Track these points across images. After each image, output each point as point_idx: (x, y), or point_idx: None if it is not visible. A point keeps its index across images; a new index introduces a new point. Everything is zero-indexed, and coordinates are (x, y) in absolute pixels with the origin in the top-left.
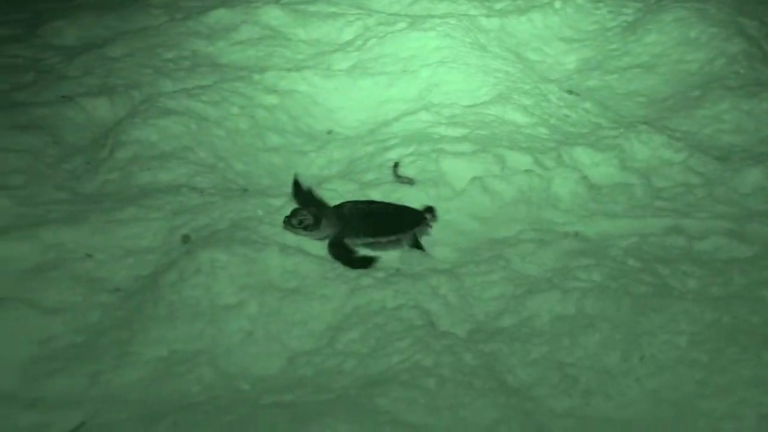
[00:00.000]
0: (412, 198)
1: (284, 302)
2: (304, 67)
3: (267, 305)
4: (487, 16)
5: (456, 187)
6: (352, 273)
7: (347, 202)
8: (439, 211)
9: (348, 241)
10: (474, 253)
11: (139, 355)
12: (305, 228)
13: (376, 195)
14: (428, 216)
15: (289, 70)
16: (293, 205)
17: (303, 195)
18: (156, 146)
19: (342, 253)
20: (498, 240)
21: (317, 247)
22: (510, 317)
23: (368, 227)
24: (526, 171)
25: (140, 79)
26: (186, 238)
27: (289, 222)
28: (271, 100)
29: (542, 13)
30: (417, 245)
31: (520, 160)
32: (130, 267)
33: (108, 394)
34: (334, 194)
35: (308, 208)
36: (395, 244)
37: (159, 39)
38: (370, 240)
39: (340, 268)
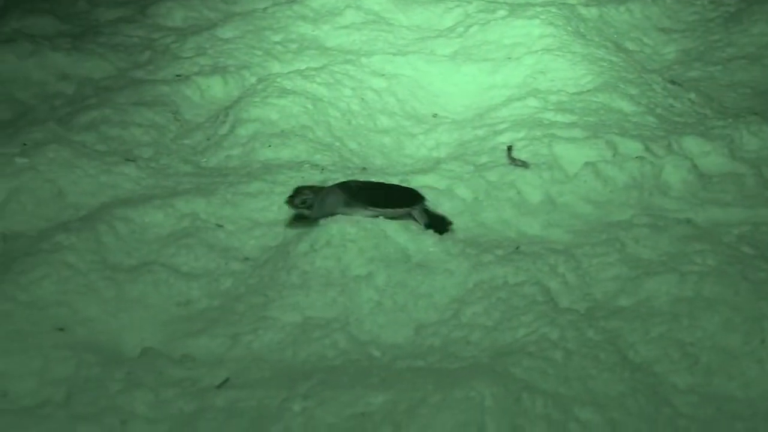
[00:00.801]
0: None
1: (410, 275)
2: (409, 52)
3: (394, 277)
4: (586, 5)
5: (569, 171)
6: (473, 249)
7: (350, 180)
8: (554, 194)
9: (354, 211)
10: (588, 235)
11: (276, 320)
12: (308, 207)
13: (492, 177)
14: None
15: (394, 54)
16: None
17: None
18: (276, 124)
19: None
20: (612, 223)
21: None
22: (627, 297)
23: (377, 198)
24: (638, 158)
25: (250, 60)
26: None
27: (292, 201)
28: (380, 83)
29: (641, 3)
30: (440, 220)
31: (631, 147)
32: (259, 238)
33: (249, 355)
34: (451, 174)
35: (311, 186)
36: (403, 217)
37: (266, 22)
38: (379, 210)
39: (461, 245)
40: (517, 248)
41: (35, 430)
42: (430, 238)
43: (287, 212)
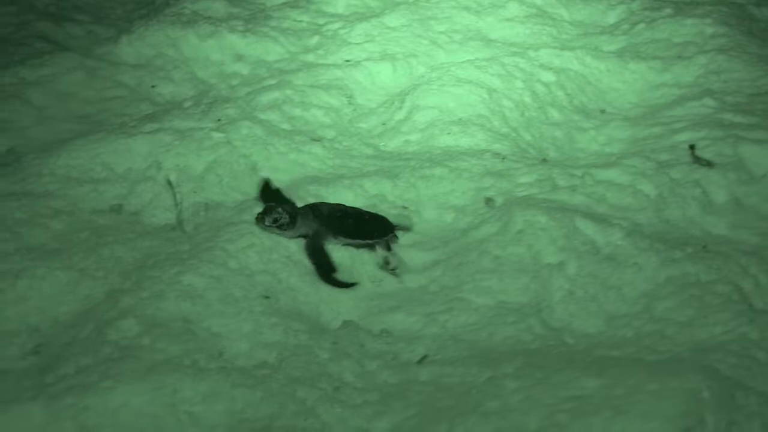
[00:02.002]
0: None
1: (599, 267)
2: (575, 47)
3: (584, 268)
4: (757, 5)
5: (755, 173)
6: (661, 245)
7: (320, 203)
8: (740, 195)
9: (324, 240)
10: None
11: (469, 302)
12: (280, 227)
13: (676, 174)
14: (397, 231)
15: (561, 48)
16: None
17: (271, 194)
18: (453, 112)
19: (320, 259)
20: None
21: (626, 218)
22: None
23: (346, 228)
24: None
25: (417, 48)
26: (489, 201)
27: (263, 220)
28: (548, 76)
29: None
30: (389, 250)
31: None
32: (446, 222)
33: (444, 333)
34: (633, 170)
35: (282, 205)
36: (368, 248)
37: (431, 12)
38: (348, 241)
39: (648, 240)
40: (704, 247)
41: (257, 389)
42: (618, 231)
43: (472, 198)
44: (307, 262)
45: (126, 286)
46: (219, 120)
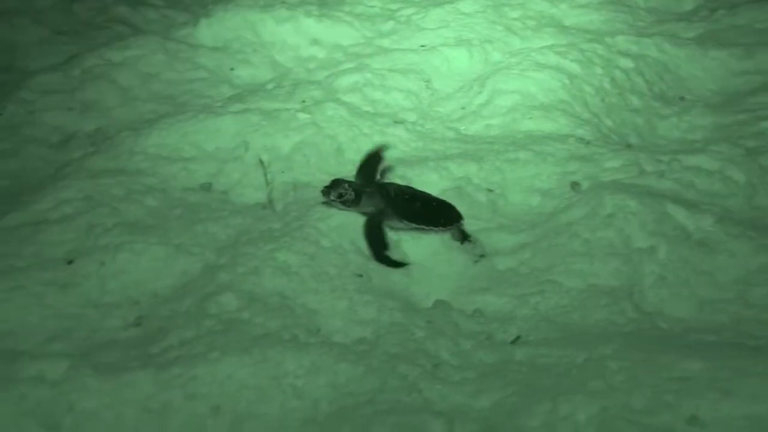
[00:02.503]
0: None
1: (691, 252)
2: (652, 34)
3: (675, 253)
4: None
5: None
6: (753, 232)
7: (389, 183)
8: None
9: (388, 222)
10: None
11: (560, 285)
12: (344, 202)
13: (766, 162)
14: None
15: (638, 35)
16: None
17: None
18: (535, 97)
19: (375, 239)
20: None
21: (716, 205)
22: None
23: (413, 212)
24: None
25: (492, 34)
26: (575, 185)
27: (328, 194)
28: (627, 63)
29: None
30: (466, 236)
31: None
32: (531, 205)
33: (536, 315)
34: (721, 156)
35: (349, 181)
36: (432, 233)
37: None
38: (413, 225)
39: (740, 227)
40: None
41: (359, 364)
42: (709, 217)
43: (557, 182)
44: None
45: (221, 262)
46: (304, 101)
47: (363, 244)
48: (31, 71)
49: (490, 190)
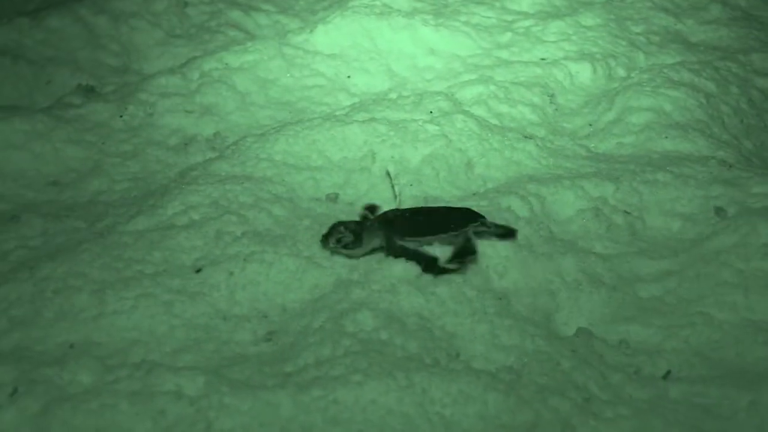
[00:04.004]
0: None
1: None
2: None
3: None
4: None
5: None
6: None
7: (388, 211)
8: None
9: (393, 247)
10: None
11: (711, 317)
12: (345, 246)
13: None
14: (486, 218)
15: None
16: None
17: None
18: (670, 116)
19: (413, 253)
20: None
21: None
22: None
23: (413, 226)
24: None
25: (615, 49)
26: (720, 211)
27: (327, 242)
28: (764, 83)
29: None
30: (467, 250)
31: None
32: (672, 230)
33: (687, 349)
34: None
35: (347, 222)
36: (446, 242)
37: (626, 12)
38: (418, 239)
39: None
40: None
41: (510, 395)
42: None
43: (699, 207)
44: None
45: (354, 278)
46: (431, 112)
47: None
48: (150, 73)
49: (628, 213)
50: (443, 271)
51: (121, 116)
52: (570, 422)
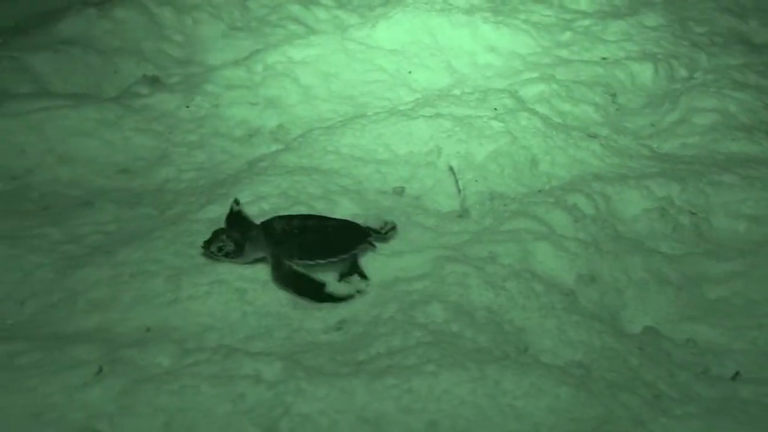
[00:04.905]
0: None
1: None
2: None
3: None
4: None
5: None
6: None
7: (277, 217)
8: None
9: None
10: None
11: None
12: (226, 255)
13: None
14: (373, 235)
15: None
16: None
17: (233, 216)
18: (735, 117)
19: (298, 286)
20: None
21: None
22: None
23: (304, 248)
24: None
25: (677, 50)
26: None
27: (208, 249)
28: None
29: None
30: (354, 269)
31: None
32: (737, 231)
33: (755, 350)
34: None
35: (230, 230)
36: (336, 266)
37: (689, 13)
38: (308, 263)
39: None
40: None
41: (581, 389)
42: None
43: (766, 207)
44: None
45: (425, 271)
46: (495, 109)
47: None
48: (213, 65)
49: (694, 213)
50: (330, 299)
51: (187, 107)
52: (640, 418)
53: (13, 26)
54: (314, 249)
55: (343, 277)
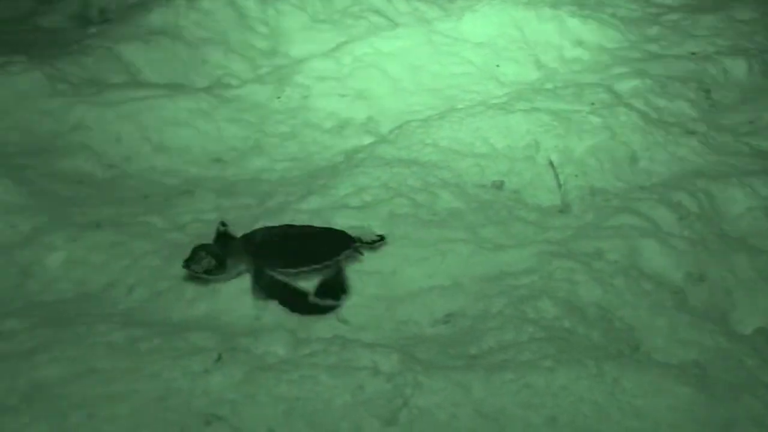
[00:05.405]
0: None
1: None
2: None
3: None
4: None
5: None
6: None
7: (258, 228)
8: None
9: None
10: None
11: None
12: (208, 272)
13: None
14: (358, 243)
15: None
16: None
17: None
18: None
19: (282, 295)
20: None
21: None
22: None
23: (286, 255)
24: None
25: None
26: None
27: (188, 267)
28: None
29: None
30: (338, 278)
31: None
32: None
33: None
34: None
35: (209, 246)
36: (321, 273)
37: None
38: (291, 271)
39: None
40: None
41: (701, 390)
42: None
43: None
44: None
45: (531, 265)
46: (592, 104)
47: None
48: (298, 57)
49: None
50: (315, 310)
51: (278, 98)
52: (764, 422)
53: (103, 17)
54: (296, 256)
55: (323, 286)
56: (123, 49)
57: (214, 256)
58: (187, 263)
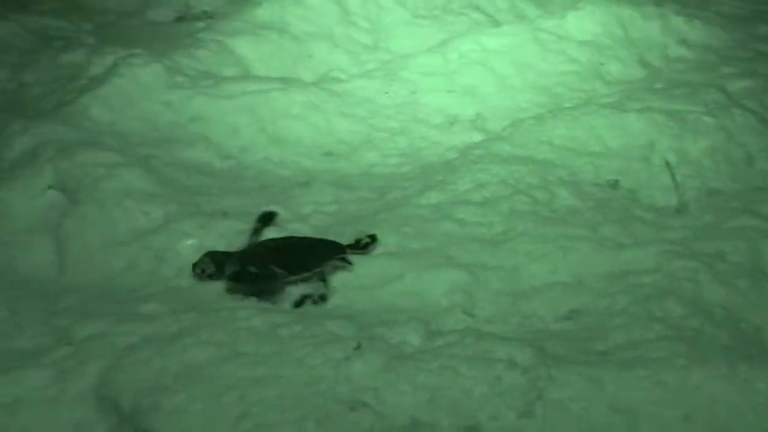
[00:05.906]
0: None
1: None
2: None
3: None
4: None
5: None
6: None
7: (265, 240)
8: None
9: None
10: None
11: None
12: (210, 277)
13: None
14: (349, 251)
15: None
16: None
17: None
18: None
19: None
20: None
21: None
22: None
23: (275, 264)
24: None
25: None
26: None
27: (194, 271)
28: None
29: None
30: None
31: None
32: None
33: None
34: None
35: (215, 254)
36: (308, 282)
37: None
38: (279, 279)
39: None
40: None
41: None
42: None
43: None
44: None
45: (649, 265)
46: (706, 104)
47: None
48: (407, 52)
49: None
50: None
51: (386, 93)
52: None
53: (211, 11)
54: (287, 264)
55: (305, 297)
56: (234, 43)
57: (215, 262)
58: (194, 267)
